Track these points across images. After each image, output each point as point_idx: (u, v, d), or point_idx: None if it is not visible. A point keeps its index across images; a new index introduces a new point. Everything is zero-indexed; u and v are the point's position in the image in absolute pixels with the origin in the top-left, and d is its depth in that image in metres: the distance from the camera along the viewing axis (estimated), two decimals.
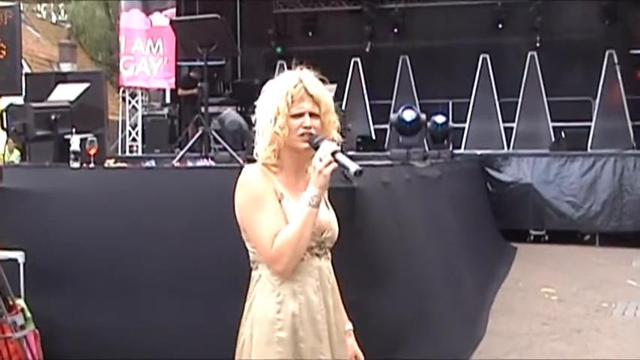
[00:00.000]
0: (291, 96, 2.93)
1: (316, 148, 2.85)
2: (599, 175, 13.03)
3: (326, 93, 2.99)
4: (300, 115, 2.91)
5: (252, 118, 3.09)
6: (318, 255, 2.95)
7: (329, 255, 3.03)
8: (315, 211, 2.83)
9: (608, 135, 15.74)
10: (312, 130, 2.89)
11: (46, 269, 5.47)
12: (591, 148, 15.25)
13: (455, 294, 7.50)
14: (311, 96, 2.94)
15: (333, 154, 2.80)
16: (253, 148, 3.05)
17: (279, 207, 2.89)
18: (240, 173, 2.98)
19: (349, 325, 3.18)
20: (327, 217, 3.00)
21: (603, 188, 12.95)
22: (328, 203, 3.08)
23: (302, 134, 2.90)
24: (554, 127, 16.41)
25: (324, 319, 2.93)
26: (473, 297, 8.45)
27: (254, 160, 3.06)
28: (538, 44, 17.30)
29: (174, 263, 5.34)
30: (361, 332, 5.00)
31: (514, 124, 16.72)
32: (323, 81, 3.07)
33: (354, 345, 3.20)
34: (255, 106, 3.09)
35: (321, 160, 2.80)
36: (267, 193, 2.89)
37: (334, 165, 2.80)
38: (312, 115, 2.92)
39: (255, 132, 3.05)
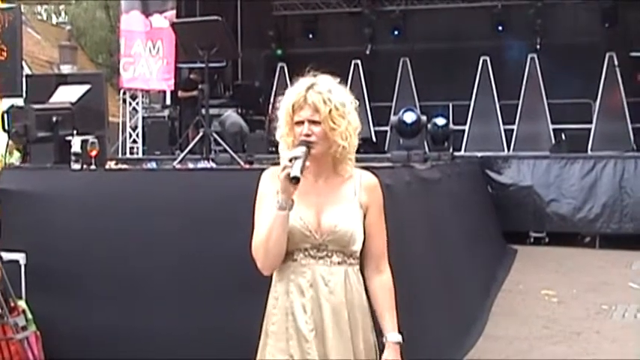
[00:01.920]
0: (292, 105, 3.05)
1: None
2: (599, 177, 13.02)
3: (331, 99, 3.04)
4: (301, 122, 3.02)
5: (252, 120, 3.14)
6: (314, 257, 3.05)
7: (337, 258, 3.07)
8: (281, 214, 2.93)
9: (608, 137, 15.74)
10: (313, 138, 2.99)
11: (47, 271, 5.48)
12: (591, 150, 15.25)
13: (451, 297, 7.49)
14: (310, 104, 3.02)
15: (291, 159, 2.91)
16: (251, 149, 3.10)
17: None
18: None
19: (392, 337, 3.15)
20: (333, 221, 3.05)
21: (603, 190, 12.93)
22: (354, 209, 3.11)
23: (301, 141, 3.00)
24: (554, 130, 16.40)
25: (311, 319, 3.01)
26: (471, 299, 8.45)
27: (252, 162, 3.16)
28: (538, 47, 17.31)
29: (175, 265, 5.34)
30: None
31: (514, 127, 16.72)
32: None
33: (387, 357, 3.14)
34: (255, 108, 3.15)
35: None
36: (268, 195, 3.03)
37: (288, 170, 2.89)
38: (313, 122, 3.01)
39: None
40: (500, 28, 17.96)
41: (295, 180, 2.87)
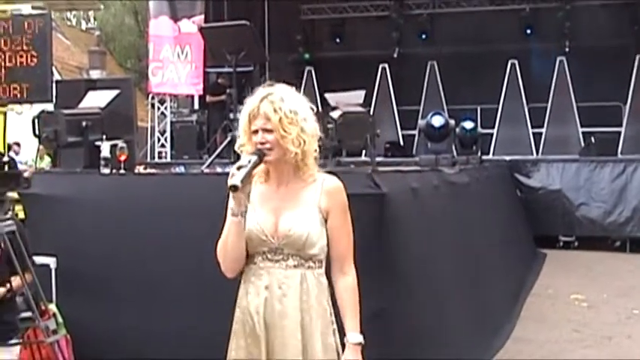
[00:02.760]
0: (248, 115, 3.16)
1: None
2: (629, 180, 12.92)
3: (281, 107, 3.11)
4: (256, 131, 3.13)
5: None
6: (271, 260, 3.16)
7: (293, 262, 3.15)
8: (235, 220, 3.10)
9: (638, 140, 15.60)
10: (267, 145, 3.09)
11: (77, 274, 5.52)
12: (621, 153, 15.12)
13: (478, 300, 7.47)
14: (262, 113, 3.11)
15: (239, 168, 3.02)
16: None
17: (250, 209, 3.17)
18: None
19: (352, 337, 3.18)
20: (288, 225, 3.13)
21: (634, 194, 12.83)
22: (311, 213, 3.16)
23: (255, 150, 3.13)
24: (583, 133, 16.29)
25: (262, 320, 3.12)
26: (499, 303, 8.41)
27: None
28: (567, 49, 17.19)
29: (205, 269, 5.35)
30: (384, 338, 5.03)
31: (543, 130, 16.63)
32: (350, 88, 3.23)
33: (347, 357, 3.18)
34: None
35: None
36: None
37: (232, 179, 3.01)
38: (266, 130, 3.10)
39: None
40: (528, 31, 17.86)
41: (234, 188, 2.99)
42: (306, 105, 3.19)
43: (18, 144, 20.83)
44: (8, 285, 4.37)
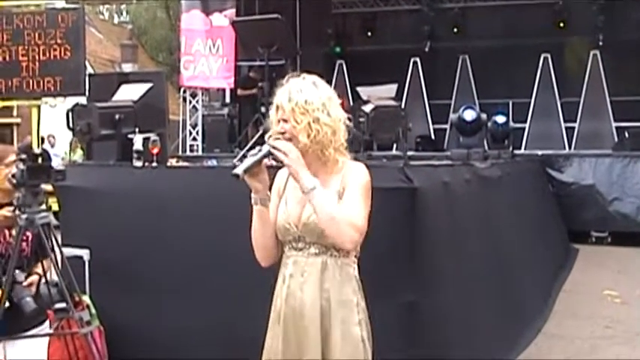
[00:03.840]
0: (275, 105, 3.23)
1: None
2: None
3: (293, 98, 3.15)
4: (278, 122, 3.18)
5: None
6: (295, 249, 3.21)
7: (314, 250, 3.17)
8: (256, 209, 3.19)
9: None
10: (286, 135, 3.14)
11: (110, 267, 5.57)
12: None
13: (509, 295, 7.44)
14: (279, 103, 3.19)
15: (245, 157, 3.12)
16: None
17: (275, 202, 3.28)
18: None
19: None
20: (307, 213, 3.15)
21: None
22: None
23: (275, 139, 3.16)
24: (617, 127, 16.12)
25: (285, 307, 3.19)
26: (530, 298, 8.36)
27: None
28: (601, 43, 17.02)
29: (238, 262, 5.37)
30: (413, 330, 5.03)
31: (576, 124, 16.51)
32: (381, 82, 3.25)
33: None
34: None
35: None
36: (273, 189, 3.31)
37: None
38: (284, 120, 3.17)
39: None
40: (561, 24, 17.71)
41: (235, 176, 3.07)
42: (328, 96, 3.19)
43: (53, 136, 21.07)
44: (35, 274, 4.42)
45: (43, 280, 4.15)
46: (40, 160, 4.04)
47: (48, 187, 4.47)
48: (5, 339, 4.30)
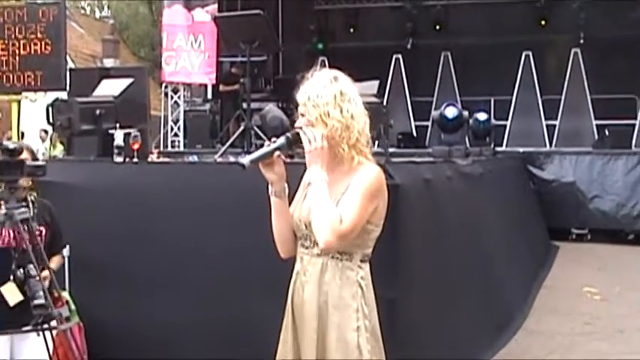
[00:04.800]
0: (298, 101, 3.18)
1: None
2: None
3: (306, 91, 3.12)
4: (299, 116, 3.17)
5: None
6: (303, 246, 3.18)
7: (317, 250, 3.10)
8: (274, 201, 3.19)
9: None
10: (303, 128, 3.10)
11: (90, 262, 5.54)
12: (635, 146, 15.09)
13: (489, 292, 7.47)
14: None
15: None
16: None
17: (299, 197, 3.25)
18: None
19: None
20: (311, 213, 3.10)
21: None
22: (334, 203, 3.05)
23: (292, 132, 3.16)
24: (597, 125, 16.24)
25: (291, 305, 3.17)
26: (511, 295, 8.40)
27: (292, 156, 3.35)
28: (582, 41, 17.11)
29: (218, 257, 5.38)
30: (395, 328, 5.04)
31: (557, 122, 16.60)
32: (364, 79, 3.22)
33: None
34: (296, 102, 3.20)
35: None
36: (302, 184, 3.24)
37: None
38: (302, 114, 3.14)
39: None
40: (542, 22, 17.78)
41: (241, 166, 3.07)
42: (341, 91, 3.11)
43: (46, 131, 20.89)
44: (47, 270, 4.44)
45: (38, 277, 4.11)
46: (13, 155, 4.00)
47: (25, 183, 4.44)
48: (4, 333, 4.30)
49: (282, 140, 3.09)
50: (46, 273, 4.29)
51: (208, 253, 5.37)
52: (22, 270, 4.02)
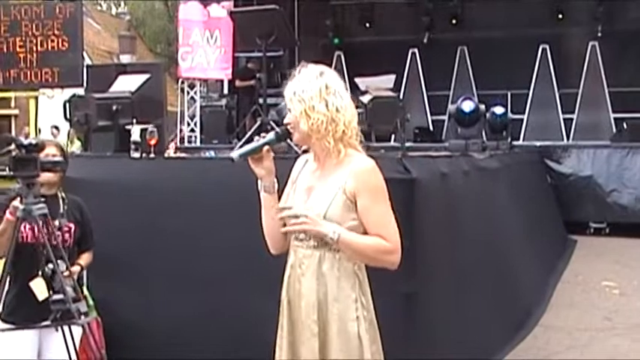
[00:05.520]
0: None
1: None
2: None
3: (292, 86, 3.17)
4: (288, 111, 3.21)
5: None
6: (297, 239, 3.18)
7: (313, 242, 3.12)
8: (263, 196, 3.23)
9: None
10: (291, 125, 3.17)
11: (108, 258, 5.54)
12: None
13: (507, 286, 7.44)
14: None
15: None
16: None
17: (287, 191, 3.28)
18: None
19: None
20: (309, 205, 3.13)
21: None
22: (335, 194, 3.10)
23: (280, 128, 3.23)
24: (615, 118, 16.12)
25: (286, 299, 3.19)
26: (528, 289, 8.37)
27: (306, 151, 3.31)
28: (599, 34, 16.99)
29: (234, 253, 5.37)
30: (412, 322, 5.03)
31: (574, 115, 16.49)
32: (380, 73, 3.24)
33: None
34: None
35: None
36: (290, 178, 3.31)
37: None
38: (289, 109, 3.18)
39: None
40: (559, 15, 17.67)
41: (230, 160, 3.14)
42: (327, 84, 3.13)
43: (57, 127, 20.97)
44: (77, 265, 4.47)
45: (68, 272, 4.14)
46: (26, 151, 4.01)
47: (56, 179, 4.48)
48: (27, 327, 4.32)
49: (271, 135, 3.14)
50: (74, 269, 4.32)
51: (226, 249, 5.37)
52: (49, 265, 4.05)
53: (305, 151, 3.32)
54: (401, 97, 15.44)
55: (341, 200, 3.09)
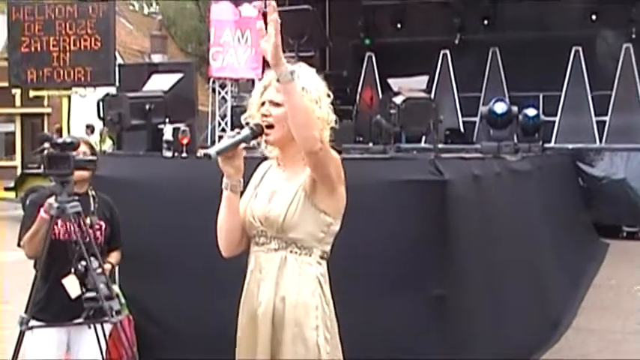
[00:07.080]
0: (262, 86, 3.09)
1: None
2: None
3: (269, 93, 3.03)
4: (264, 103, 3.04)
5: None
6: (258, 244, 3.07)
7: (274, 245, 3.03)
8: (227, 195, 3.04)
9: None
10: (270, 119, 3.00)
11: (140, 257, 5.58)
12: None
13: (538, 289, 7.40)
14: (276, 85, 2.96)
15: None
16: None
17: (248, 195, 3.14)
18: None
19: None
20: (269, 206, 3.04)
21: None
22: (295, 194, 3.02)
23: (255, 122, 3.04)
24: None
25: (245, 305, 3.10)
26: (559, 293, 8.31)
27: (340, 152, 3.16)
28: (633, 36, 16.83)
29: None
30: (443, 324, 5.00)
31: (607, 118, 16.34)
32: (411, 74, 3.15)
33: None
34: (343, 98, 3.12)
35: None
36: (251, 181, 3.17)
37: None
38: (275, 103, 3.00)
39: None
40: (593, 17, 17.52)
41: (207, 157, 2.94)
42: (321, 88, 3.06)
43: (91, 126, 21.08)
44: (109, 263, 4.51)
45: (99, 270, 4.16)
46: (61, 149, 4.04)
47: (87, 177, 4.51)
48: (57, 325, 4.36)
49: (246, 131, 3.00)
50: (106, 266, 4.34)
51: None
52: (82, 263, 4.07)
53: (265, 158, 3.22)
54: (432, 98, 15.42)
55: (301, 199, 3.00)
